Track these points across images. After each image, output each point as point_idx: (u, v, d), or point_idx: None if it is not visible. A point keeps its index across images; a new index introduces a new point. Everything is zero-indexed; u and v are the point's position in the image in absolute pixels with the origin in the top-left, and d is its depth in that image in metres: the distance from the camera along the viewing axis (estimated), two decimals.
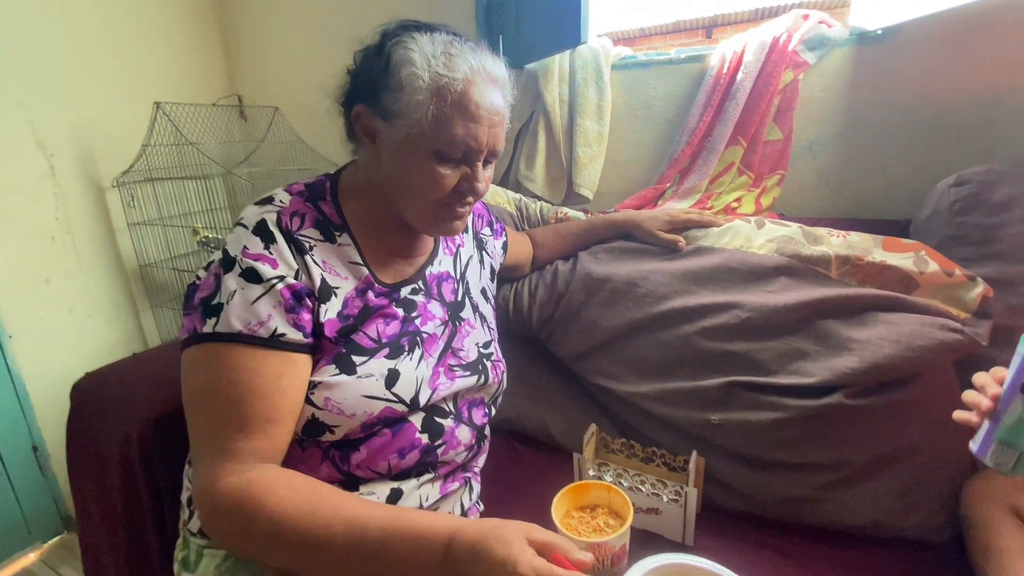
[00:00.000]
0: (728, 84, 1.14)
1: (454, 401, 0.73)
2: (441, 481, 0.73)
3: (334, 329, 0.62)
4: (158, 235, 1.57)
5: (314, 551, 0.51)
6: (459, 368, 0.73)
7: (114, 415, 0.79)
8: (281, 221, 0.62)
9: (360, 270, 0.67)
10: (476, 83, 0.60)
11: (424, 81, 0.59)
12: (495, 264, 0.92)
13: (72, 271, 1.52)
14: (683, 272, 0.94)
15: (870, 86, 1.08)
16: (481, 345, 0.78)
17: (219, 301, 0.58)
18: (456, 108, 0.60)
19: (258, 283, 0.58)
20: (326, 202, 0.67)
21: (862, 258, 0.86)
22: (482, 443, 0.79)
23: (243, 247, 0.60)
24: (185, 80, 1.72)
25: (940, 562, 0.75)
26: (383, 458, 0.65)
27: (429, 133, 0.60)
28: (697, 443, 0.85)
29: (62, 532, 1.58)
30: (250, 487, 0.53)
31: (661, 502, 0.79)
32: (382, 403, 0.63)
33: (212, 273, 0.60)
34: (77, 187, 1.51)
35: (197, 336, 0.58)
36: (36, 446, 1.49)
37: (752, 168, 1.15)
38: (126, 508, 0.78)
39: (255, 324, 0.57)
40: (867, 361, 0.77)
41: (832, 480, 0.80)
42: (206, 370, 0.57)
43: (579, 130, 1.28)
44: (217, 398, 0.56)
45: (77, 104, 1.49)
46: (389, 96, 0.61)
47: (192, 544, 0.65)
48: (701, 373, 0.86)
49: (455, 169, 0.63)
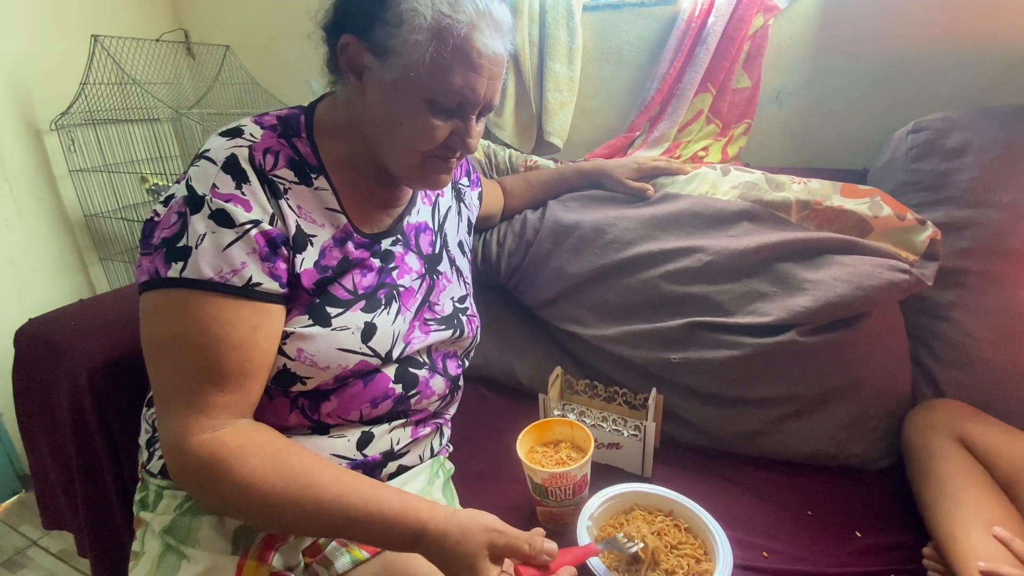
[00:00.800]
0: (699, 28, 1.12)
1: (428, 353, 0.72)
2: (413, 426, 0.72)
3: (312, 280, 0.59)
4: (103, 183, 1.48)
5: (282, 523, 0.52)
6: (434, 322, 0.72)
7: (62, 360, 0.76)
8: (254, 158, 0.56)
9: (338, 218, 0.62)
10: (480, 28, 0.55)
11: (426, 19, 0.53)
12: (472, 216, 0.89)
13: (11, 221, 1.42)
14: (649, 218, 0.94)
15: (837, 34, 1.08)
16: (457, 300, 0.77)
17: (186, 244, 0.53)
18: (457, 54, 0.54)
19: (230, 227, 0.53)
20: (301, 139, 0.61)
21: (821, 203, 0.88)
22: (455, 393, 0.79)
23: (212, 185, 0.54)
24: (125, 11, 1.58)
25: (879, 488, 0.81)
26: (355, 407, 0.64)
27: (425, 78, 0.55)
28: (657, 382, 0.88)
29: (19, 491, 1.54)
30: (221, 449, 0.50)
31: (622, 437, 0.81)
32: (357, 357, 0.61)
33: (175, 211, 0.54)
34: (11, 130, 1.40)
35: (161, 280, 0.53)
36: None
37: (720, 116, 1.15)
38: (80, 454, 0.76)
39: (228, 272, 0.53)
40: (820, 300, 0.80)
41: (783, 414, 0.84)
42: (174, 318, 0.53)
43: (549, 74, 1.24)
44: (188, 348, 0.52)
45: (7, 37, 1.36)
46: (384, 30, 0.55)
47: (151, 485, 0.64)
48: (663, 315, 0.88)
49: (447, 121, 0.58)
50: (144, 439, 0.69)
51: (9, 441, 1.50)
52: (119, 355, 0.75)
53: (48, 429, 0.80)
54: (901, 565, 0.68)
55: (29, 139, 1.44)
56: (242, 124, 0.60)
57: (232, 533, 0.60)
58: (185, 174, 0.57)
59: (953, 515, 0.65)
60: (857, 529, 0.74)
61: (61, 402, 0.75)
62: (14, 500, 1.53)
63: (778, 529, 0.74)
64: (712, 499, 0.71)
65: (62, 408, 0.76)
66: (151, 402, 0.68)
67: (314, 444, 0.63)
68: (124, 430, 0.74)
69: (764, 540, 0.72)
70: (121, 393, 0.74)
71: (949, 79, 1.02)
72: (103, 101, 1.39)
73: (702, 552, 0.66)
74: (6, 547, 1.36)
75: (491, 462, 0.86)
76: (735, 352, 0.81)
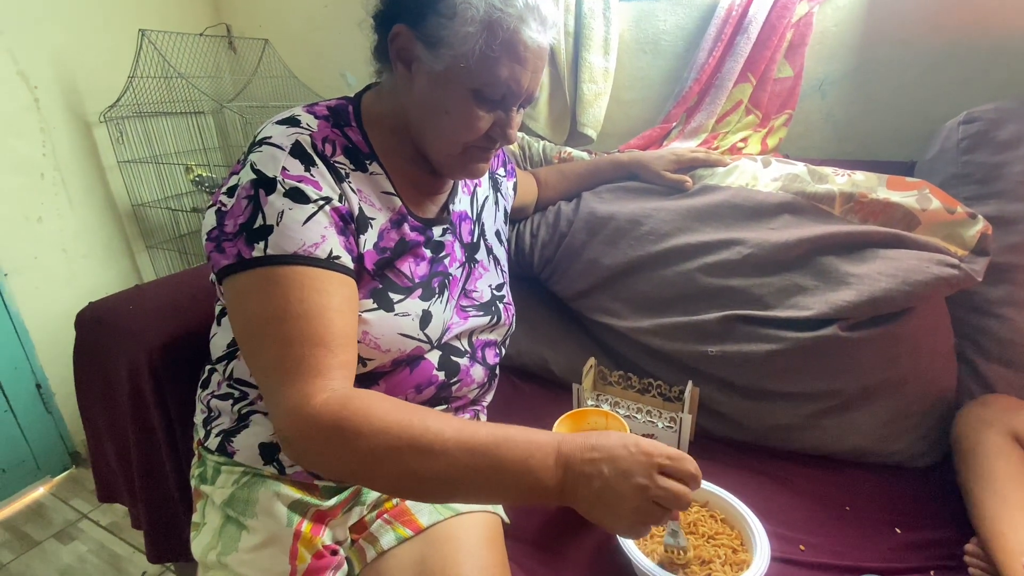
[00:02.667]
0: (741, 16, 1.10)
1: (470, 341, 0.74)
2: (452, 413, 0.75)
3: (372, 261, 0.61)
4: (150, 173, 1.54)
5: (425, 458, 0.47)
6: (472, 308, 0.74)
7: (121, 341, 0.79)
8: (316, 145, 0.58)
9: (393, 201, 0.64)
10: (528, 22, 0.56)
11: (478, 12, 0.54)
12: (507, 206, 0.91)
13: (63, 210, 1.49)
14: (687, 210, 0.94)
15: (885, 21, 1.05)
16: (495, 287, 0.78)
17: (264, 224, 0.54)
18: (505, 47, 0.56)
19: (306, 203, 0.55)
20: (352, 128, 0.64)
21: (866, 195, 0.86)
22: (492, 381, 0.81)
23: (282, 168, 0.55)
24: (170, 7, 1.63)
25: (920, 485, 0.80)
26: (400, 392, 0.66)
27: (473, 70, 0.56)
28: (693, 375, 0.88)
29: (70, 467, 1.62)
30: (351, 402, 0.49)
31: (656, 428, 0.82)
32: (414, 342, 0.64)
33: (243, 197, 0.55)
34: (63, 121, 1.46)
35: (247, 262, 0.53)
36: (39, 384, 1.51)
37: (760, 107, 1.13)
38: (137, 430, 0.80)
39: (310, 246, 0.54)
40: (864, 294, 0.79)
41: (822, 409, 0.83)
42: (269, 295, 0.53)
43: (584, 65, 1.23)
44: (290, 319, 0.52)
45: (58, 31, 1.42)
46: (437, 21, 0.56)
47: (208, 461, 0.67)
48: (700, 308, 0.88)
49: (491, 112, 0.60)
50: (200, 419, 0.72)
51: (61, 419, 1.58)
52: (175, 337, 0.78)
53: (107, 407, 0.84)
54: (941, 562, 0.67)
55: (79, 131, 1.50)
56: (296, 114, 0.61)
57: (287, 506, 0.63)
58: (243, 162, 0.58)
59: (1001, 511, 0.64)
60: (897, 525, 0.73)
61: (120, 381, 0.79)
62: (65, 475, 1.61)
63: (815, 523, 0.73)
64: (747, 492, 0.71)
65: (120, 386, 0.80)
66: (206, 383, 0.72)
67: None
68: (179, 408, 0.77)
69: (800, 534, 0.72)
70: (177, 373, 0.77)
71: (1001, 68, 0.98)
72: (149, 94, 1.44)
73: (739, 543, 0.66)
74: (58, 520, 1.44)
75: None
76: (774, 346, 0.81)
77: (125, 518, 1.38)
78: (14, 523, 1.44)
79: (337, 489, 0.68)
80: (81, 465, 1.64)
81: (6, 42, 1.34)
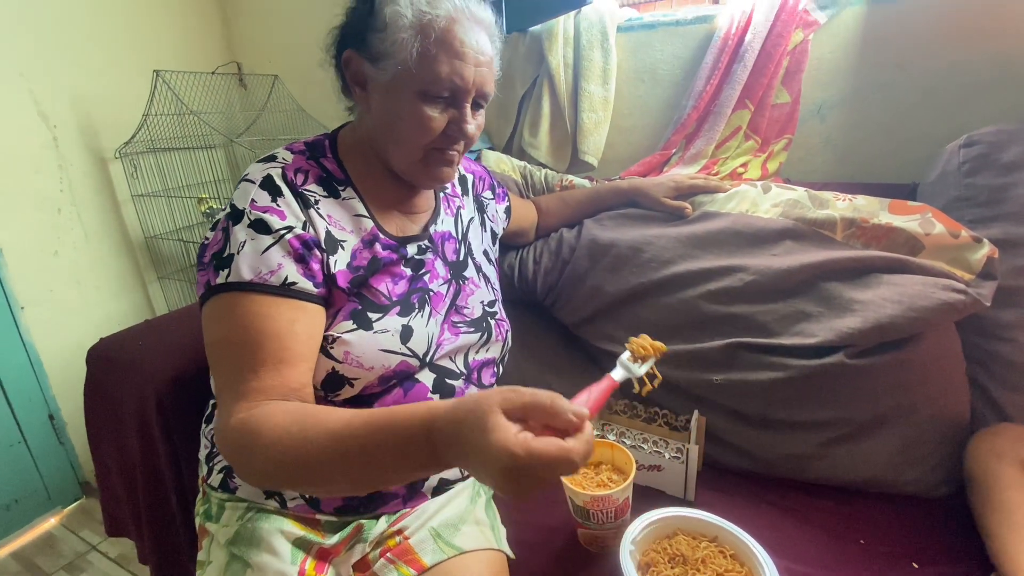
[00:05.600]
0: (736, 45, 1.12)
1: (465, 362, 0.74)
2: None
3: (346, 280, 0.64)
4: (162, 206, 1.58)
5: (308, 469, 0.49)
6: (463, 324, 0.75)
7: (130, 377, 0.81)
8: (286, 176, 0.63)
9: (365, 222, 0.68)
10: (460, 21, 0.60)
11: (407, 19, 0.59)
12: (496, 228, 0.93)
13: (79, 243, 1.53)
14: (688, 237, 0.94)
15: (881, 46, 1.06)
16: (486, 304, 0.80)
17: (229, 252, 0.59)
18: (440, 45, 0.60)
19: (268, 233, 0.59)
20: (327, 159, 0.68)
21: (867, 220, 0.86)
22: None
23: (251, 200, 0.60)
24: (184, 47, 1.69)
25: (937, 516, 0.78)
26: None
27: (415, 71, 0.60)
28: (699, 403, 0.87)
29: (81, 497, 1.63)
30: (250, 420, 0.52)
31: (663, 459, 0.81)
32: (398, 357, 0.65)
33: (220, 229, 0.61)
34: (80, 158, 1.51)
35: (211, 289, 0.59)
36: (52, 414, 1.52)
37: (759, 132, 1.14)
38: (145, 466, 0.81)
39: (266, 273, 0.58)
40: (869, 321, 0.78)
41: (832, 438, 0.81)
42: (222, 320, 0.58)
43: (584, 95, 1.26)
44: (232, 344, 0.57)
45: (77, 73, 1.48)
46: (375, 37, 0.61)
47: (213, 498, 0.68)
48: (704, 335, 0.87)
49: (443, 112, 0.63)
50: (203, 454, 0.73)
51: (72, 449, 1.59)
52: (182, 373, 0.80)
53: (115, 442, 0.85)
54: None
55: (96, 167, 1.55)
56: (276, 152, 0.67)
57: (291, 543, 0.63)
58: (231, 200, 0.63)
59: (1019, 546, 0.62)
60: (914, 559, 0.71)
61: (128, 417, 0.80)
62: (75, 506, 1.61)
63: (828, 557, 0.71)
64: (757, 524, 0.69)
65: (129, 422, 0.81)
66: (210, 418, 0.72)
67: None
68: (186, 444, 0.78)
69: (813, 568, 0.70)
70: (184, 409, 0.78)
71: (1001, 90, 0.99)
72: (163, 130, 1.49)
73: None
74: (67, 551, 1.44)
75: None
76: (780, 374, 0.80)
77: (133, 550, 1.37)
78: (26, 555, 1.44)
79: (339, 524, 0.68)
80: (91, 495, 1.64)
81: (27, 84, 1.39)
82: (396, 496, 0.70)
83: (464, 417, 0.42)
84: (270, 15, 1.72)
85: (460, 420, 0.42)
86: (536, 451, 0.38)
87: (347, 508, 0.67)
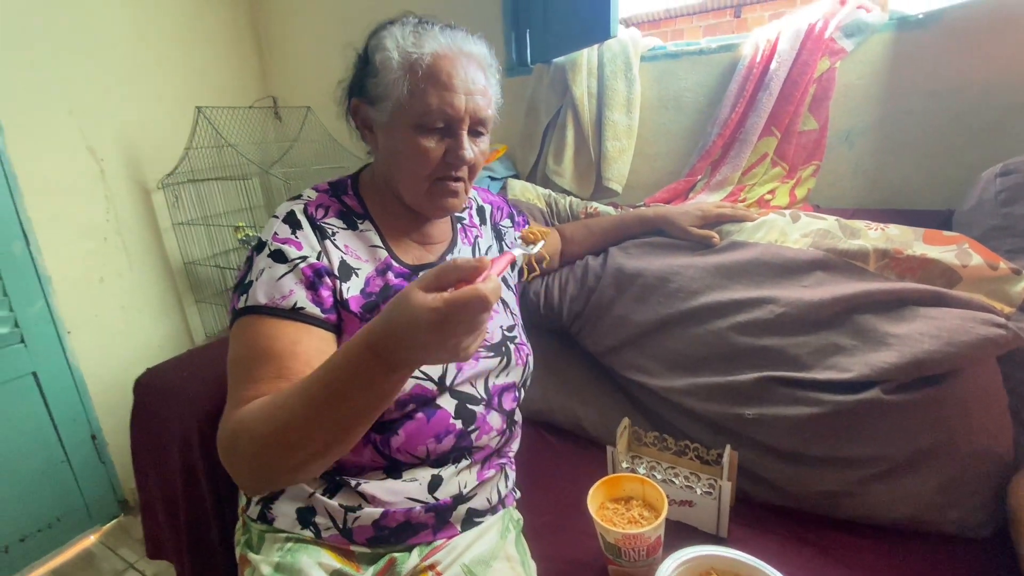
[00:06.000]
0: (761, 73, 1.12)
1: (485, 387, 0.76)
2: (478, 467, 0.76)
3: (359, 305, 0.68)
4: (200, 234, 1.64)
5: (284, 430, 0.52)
6: (482, 349, 0.77)
7: (174, 407, 0.84)
8: (307, 210, 0.70)
9: (380, 252, 0.73)
10: (446, 56, 0.65)
11: (396, 60, 0.65)
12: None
13: (123, 270, 1.60)
14: (716, 267, 0.94)
15: (910, 73, 1.05)
16: (505, 328, 0.81)
17: (249, 279, 0.65)
18: (428, 79, 0.64)
19: (284, 263, 0.65)
20: (348, 196, 0.75)
21: (901, 251, 0.85)
22: (513, 428, 0.82)
23: (274, 233, 0.67)
24: (223, 83, 1.78)
25: (980, 557, 0.75)
26: (421, 442, 0.69)
27: (407, 107, 0.65)
28: (730, 437, 0.86)
29: (118, 515, 1.68)
30: (236, 415, 0.57)
31: (695, 495, 0.80)
32: (412, 381, 0.68)
33: (247, 260, 0.68)
34: (125, 189, 1.59)
35: (234, 312, 0.65)
36: (95, 434, 1.58)
37: (786, 159, 1.14)
38: (187, 493, 0.84)
39: (278, 298, 0.63)
40: (906, 356, 0.76)
41: (869, 475, 0.80)
42: (238, 341, 0.63)
43: (608, 123, 1.28)
44: (241, 360, 0.62)
45: (123, 110, 1.57)
46: (371, 82, 0.68)
47: (253, 529, 0.70)
48: (734, 368, 0.87)
49: (439, 141, 0.67)
50: None
51: (112, 467, 1.64)
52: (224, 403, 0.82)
53: (159, 469, 0.88)
54: None
55: (140, 197, 1.63)
56: (303, 191, 0.74)
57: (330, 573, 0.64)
58: None
59: None
60: None
61: (172, 445, 0.83)
62: (114, 523, 1.66)
63: None
64: (791, 563, 0.68)
65: (172, 451, 0.84)
66: None
67: (390, 488, 0.69)
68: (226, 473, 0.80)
69: None
70: None
71: None
72: (203, 162, 1.56)
73: None
74: (106, 569, 1.49)
75: (559, 513, 0.86)
76: (814, 409, 0.79)
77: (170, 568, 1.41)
78: (65, 572, 1.49)
79: (372, 557, 0.70)
80: (129, 513, 1.69)
81: (77, 120, 1.48)
82: (426, 526, 0.71)
83: (391, 313, 0.47)
84: (303, 49, 1.80)
85: (389, 318, 0.47)
86: (451, 298, 0.43)
87: (378, 539, 0.69)
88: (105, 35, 1.52)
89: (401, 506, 0.69)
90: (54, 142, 1.44)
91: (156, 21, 1.62)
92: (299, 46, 1.80)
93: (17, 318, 1.39)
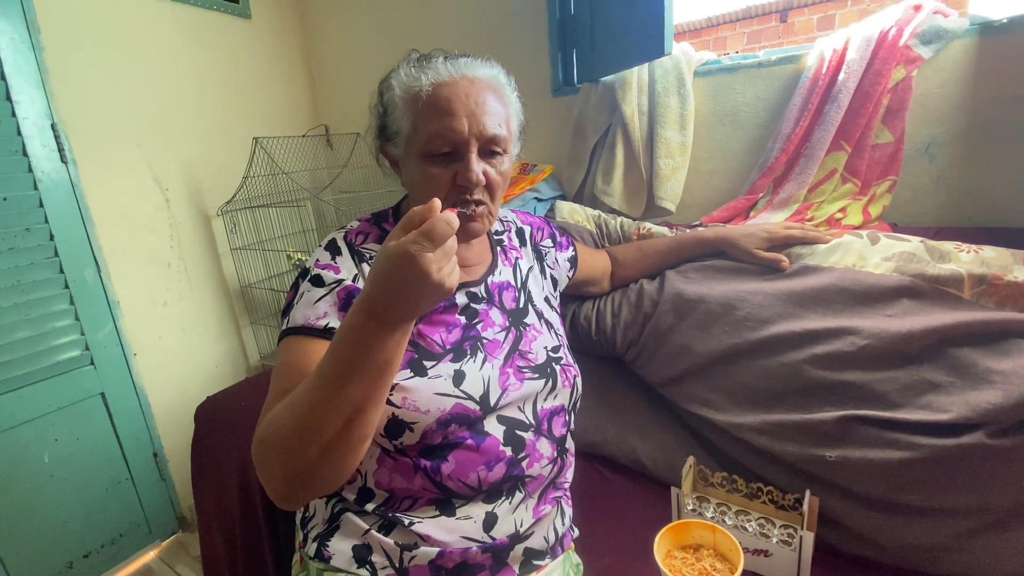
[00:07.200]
0: (828, 85, 1.06)
1: (533, 411, 0.74)
2: (534, 502, 0.73)
3: None
4: (256, 258, 1.70)
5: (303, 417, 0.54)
6: (528, 370, 0.75)
7: (232, 437, 0.85)
8: (347, 237, 0.73)
9: None
10: (446, 83, 0.67)
11: (399, 95, 0.69)
12: (558, 275, 0.94)
13: (184, 293, 1.67)
14: (787, 293, 0.88)
15: (995, 80, 0.97)
16: (550, 349, 0.79)
17: (292, 302, 0.69)
18: (428, 108, 0.66)
19: (321, 287, 0.68)
20: (389, 223, 0.78)
21: (1001, 277, 0.76)
22: (564, 456, 0.79)
23: (316, 260, 0.71)
24: (278, 115, 1.86)
25: None
26: (472, 469, 0.67)
27: (413, 139, 0.68)
28: (807, 480, 0.79)
29: (177, 531, 1.73)
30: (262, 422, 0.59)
31: (770, 543, 0.74)
32: (452, 399, 0.67)
33: (293, 283, 0.72)
34: (187, 217, 1.67)
35: (280, 334, 0.68)
36: (156, 452, 1.64)
37: (858, 175, 1.06)
38: (244, 525, 0.84)
39: (313, 319, 0.65)
40: (1012, 396, 0.68)
41: (970, 528, 0.71)
42: (278, 360, 0.66)
43: (660, 141, 1.24)
44: (277, 378, 0.64)
45: (186, 143, 1.65)
46: (386, 121, 0.72)
47: (311, 567, 0.69)
48: (812, 405, 0.80)
49: (447, 167, 0.68)
50: (298, 517, 0.75)
51: (172, 483, 1.70)
52: None
53: (217, 499, 0.90)
54: None
55: (201, 224, 1.70)
56: (349, 223, 0.78)
57: None
58: None
59: None
60: None
61: (230, 476, 0.84)
62: (173, 539, 1.72)
63: None
64: None
65: (231, 480, 0.85)
66: None
67: (445, 525, 0.67)
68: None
69: None
70: None
71: None
72: (259, 189, 1.62)
73: None
74: None
75: (619, 555, 0.82)
76: (907, 453, 0.71)
77: None
78: None
79: None
80: (187, 529, 1.74)
81: (144, 154, 1.56)
82: (483, 568, 0.69)
83: (374, 273, 0.51)
84: (352, 80, 1.85)
85: (374, 277, 0.51)
86: (416, 233, 0.49)
87: None
88: (171, 75, 1.60)
89: (457, 545, 0.67)
90: (124, 175, 1.52)
91: (216, 61, 1.70)
92: (348, 77, 1.86)
93: (88, 341, 1.46)
